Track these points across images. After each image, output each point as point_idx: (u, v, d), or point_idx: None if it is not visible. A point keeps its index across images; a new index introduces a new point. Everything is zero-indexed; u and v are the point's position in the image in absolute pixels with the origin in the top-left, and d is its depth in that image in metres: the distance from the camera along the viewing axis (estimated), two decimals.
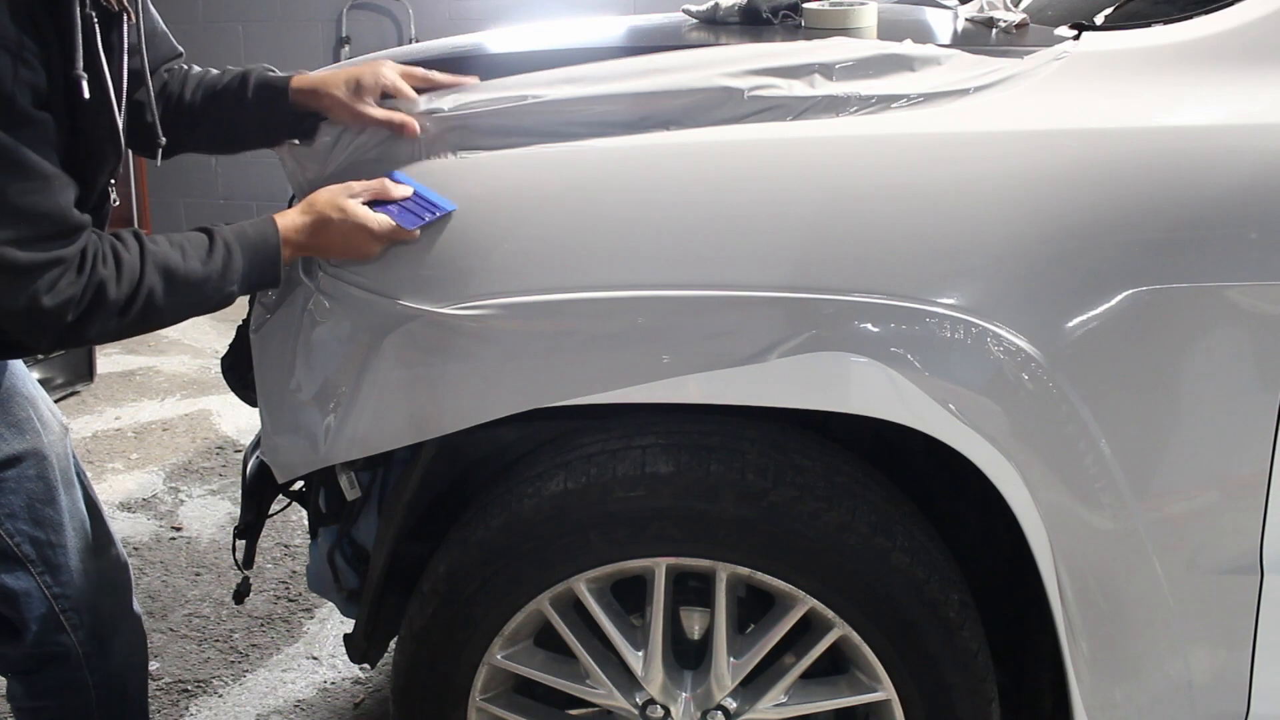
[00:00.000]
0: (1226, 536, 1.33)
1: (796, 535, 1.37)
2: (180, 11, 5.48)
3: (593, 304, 1.31)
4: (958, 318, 1.26)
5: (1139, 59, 1.35)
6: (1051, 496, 1.31)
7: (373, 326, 1.38)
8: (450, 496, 1.59)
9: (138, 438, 3.61)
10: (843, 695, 1.49)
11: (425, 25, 5.18)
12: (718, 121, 1.35)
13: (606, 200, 1.36)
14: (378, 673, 2.35)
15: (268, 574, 2.74)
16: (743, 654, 1.47)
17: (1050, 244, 1.26)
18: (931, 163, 1.31)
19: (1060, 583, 1.34)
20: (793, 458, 1.41)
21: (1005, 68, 1.36)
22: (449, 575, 1.48)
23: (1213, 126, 1.30)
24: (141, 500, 3.16)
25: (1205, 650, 1.38)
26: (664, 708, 1.51)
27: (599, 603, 1.47)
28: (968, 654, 1.41)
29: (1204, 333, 1.27)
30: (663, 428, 1.44)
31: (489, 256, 1.35)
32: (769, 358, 1.28)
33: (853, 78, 1.36)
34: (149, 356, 4.36)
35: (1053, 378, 1.27)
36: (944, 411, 1.28)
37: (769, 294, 1.28)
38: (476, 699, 1.54)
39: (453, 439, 1.42)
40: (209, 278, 1.34)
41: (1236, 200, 1.25)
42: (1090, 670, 1.38)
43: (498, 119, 1.38)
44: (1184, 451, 1.31)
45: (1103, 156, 1.27)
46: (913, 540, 1.40)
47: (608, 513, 1.40)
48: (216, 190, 5.62)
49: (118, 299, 1.27)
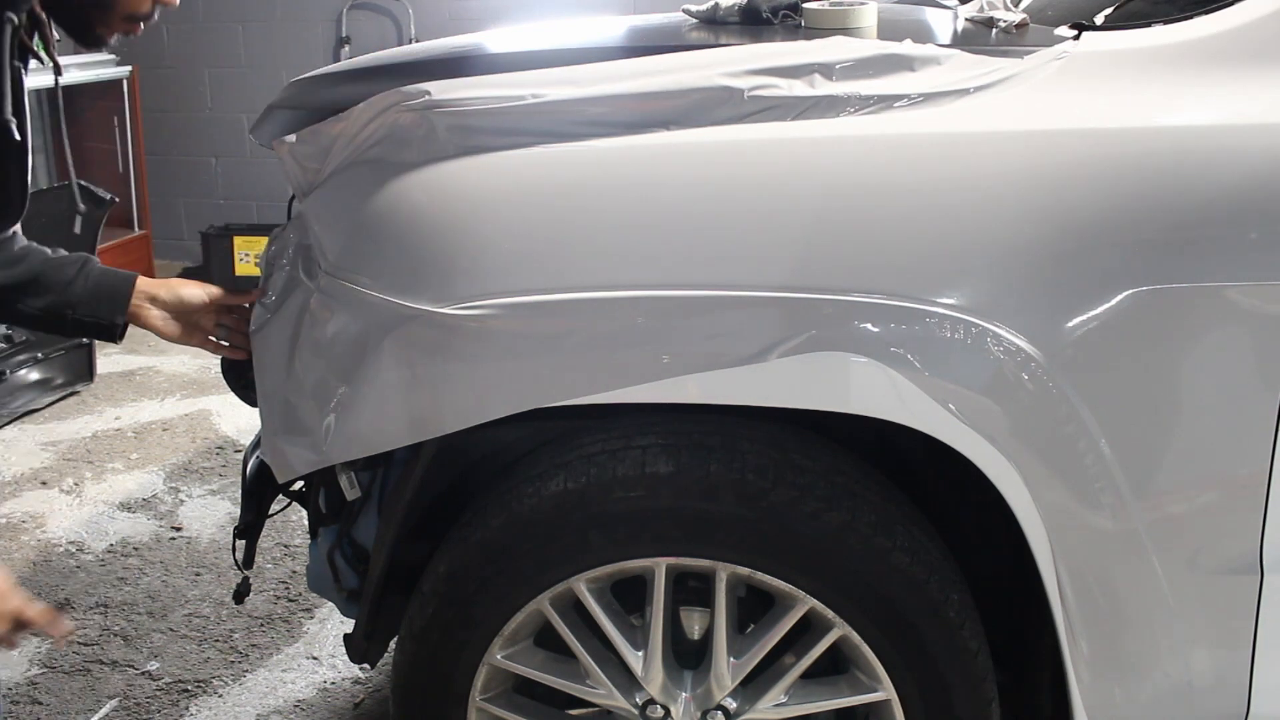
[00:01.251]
0: (1226, 536, 1.33)
1: (796, 535, 1.37)
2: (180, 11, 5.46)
3: (593, 304, 1.31)
4: (958, 318, 1.26)
5: (1139, 59, 1.35)
6: (1051, 496, 1.31)
7: (372, 326, 1.38)
8: (450, 496, 1.59)
9: (138, 438, 3.61)
10: (843, 695, 1.49)
11: (425, 25, 5.18)
12: (718, 121, 1.35)
13: (606, 200, 1.35)
14: (378, 673, 2.35)
15: (268, 574, 2.74)
16: (743, 654, 1.47)
17: (1050, 244, 1.26)
18: (931, 163, 1.31)
19: (1060, 583, 1.34)
20: (793, 458, 1.41)
21: (1005, 68, 1.36)
22: (449, 575, 1.48)
23: (1213, 126, 1.30)
24: (141, 500, 3.16)
25: (1205, 650, 1.38)
26: (664, 708, 1.51)
27: (599, 603, 1.47)
28: (968, 654, 1.41)
29: (1204, 333, 1.27)
30: (663, 428, 1.44)
31: (489, 256, 1.35)
32: (769, 358, 1.28)
33: (853, 78, 1.36)
34: (149, 356, 4.36)
35: (1053, 378, 1.27)
36: (944, 411, 1.28)
37: (769, 294, 1.28)
38: (476, 699, 1.54)
39: (453, 439, 1.41)
40: (51, 302, 1.47)
41: (1236, 200, 1.25)
42: (1090, 670, 1.38)
43: (498, 118, 1.38)
44: (1184, 451, 1.31)
45: (1103, 156, 1.27)
46: (913, 540, 1.40)
47: (608, 513, 1.40)
48: (216, 190, 5.62)
49: None
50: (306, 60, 5.15)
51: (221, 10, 5.43)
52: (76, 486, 3.25)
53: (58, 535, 2.96)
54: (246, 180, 5.56)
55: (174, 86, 5.53)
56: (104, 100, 5.12)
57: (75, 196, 1.81)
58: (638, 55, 1.45)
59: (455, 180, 1.39)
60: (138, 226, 5.22)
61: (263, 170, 5.47)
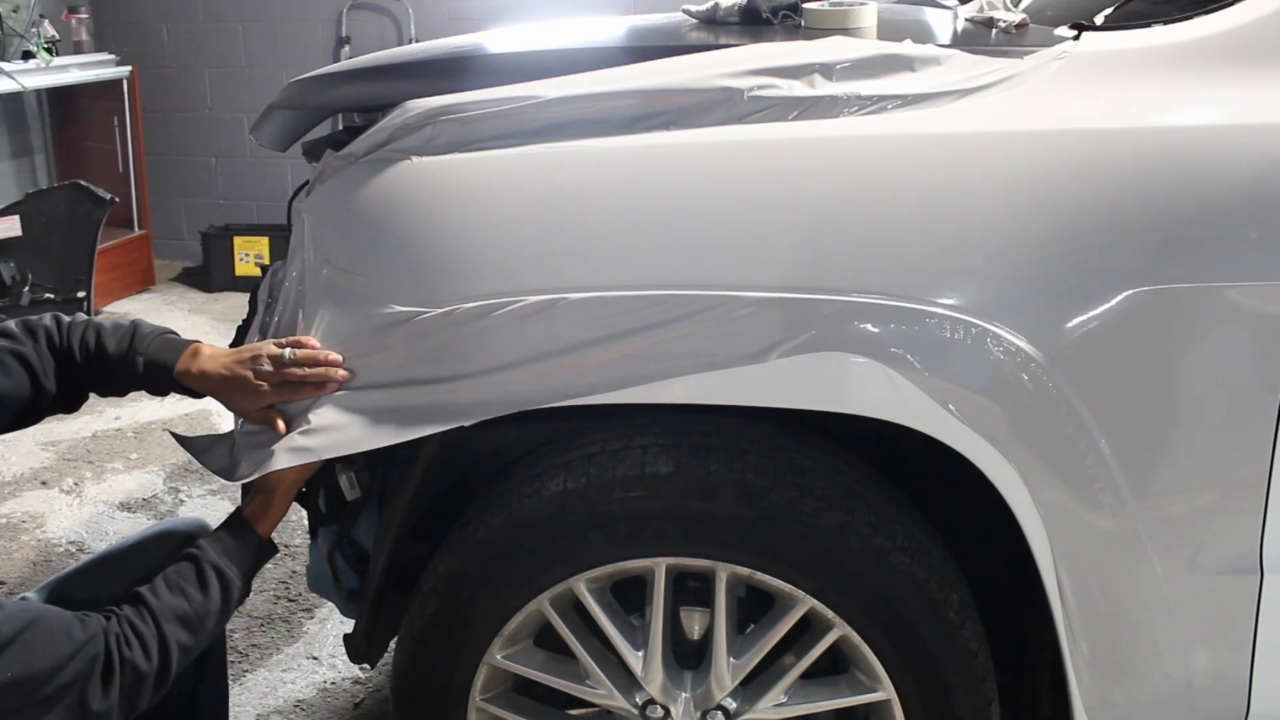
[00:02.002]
0: (1226, 536, 1.33)
1: (796, 535, 1.37)
2: (180, 11, 5.49)
3: (592, 304, 1.31)
4: (957, 318, 1.26)
5: (1139, 59, 1.35)
6: (1051, 497, 1.31)
7: (372, 326, 1.38)
8: (450, 496, 1.59)
9: (138, 438, 3.61)
10: (843, 695, 1.49)
11: (425, 25, 5.18)
12: (718, 121, 1.35)
13: (606, 200, 1.35)
14: (378, 673, 2.35)
15: (268, 574, 2.74)
16: (743, 654, 1.47)
17: (1050, 244, 1.26)
18: (931, 163, 1.31)
19: (1060, 583, 1.34)
20: (793, 458, 1.41)
21: (1005, 68, 1.36)
22: (449, 575, 1.48)
23: (1213, 126, 1.30)
24: (141, 500, 3.16)
25: (1205, 650, 1.38)
26: (664, 708, 1.51)
27: (599, 603, 1.47)
28: (968, 654, 1.41)
29: (1204, 333, 1.27)
30: (662, 428, 1.44)
31: (489, 256, 1.35)
32: (769, 358, 1.28)
33: (853, 78, 1.36)
34: None
35: (1053, 378, 1.27)
36: (944, 412, 1.28)
37: (769, 294, 1.28)
38: (476, 699, 1.54)
39: (453, 439, 1.41)
40: (214, 602, 1.40)
41: (1236, 200, 1.25)
42: (1090, 670, 1.38)
43: (499, 119, 1.38)
44: (1184, 451, 1.31)
45: (1102, 156, 1.27)
46: (913, 540, 1.40)
47: (608, 513, 1.40)
48: (216, 190, 5.63)
49: (150, 670, 1.33)
50: (306, 60, 5.15)
51: (221, 10, 5.43)
52: (76, 486, 3.25)
53: (58, 535, 2.96)
54: (246, 180, 5.56)
55: (174, 86, 5.53)
56: (104, 100, 5.12)
57: None
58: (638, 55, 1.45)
59: (456, 180, 1.39)
60: (138, 226, 5.22)
61: (263, 170, 5.48)
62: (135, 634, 1.33)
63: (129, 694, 1.31)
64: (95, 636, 1.29)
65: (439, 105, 1.39)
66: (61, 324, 1.51)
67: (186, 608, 1.37)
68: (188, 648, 1.37)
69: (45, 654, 1.24)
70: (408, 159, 1.39)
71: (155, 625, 1.34)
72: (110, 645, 1.30)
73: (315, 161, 1.56)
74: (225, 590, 1.41)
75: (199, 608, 1.38)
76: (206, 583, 1.39)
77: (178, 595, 1.37)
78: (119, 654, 1.30)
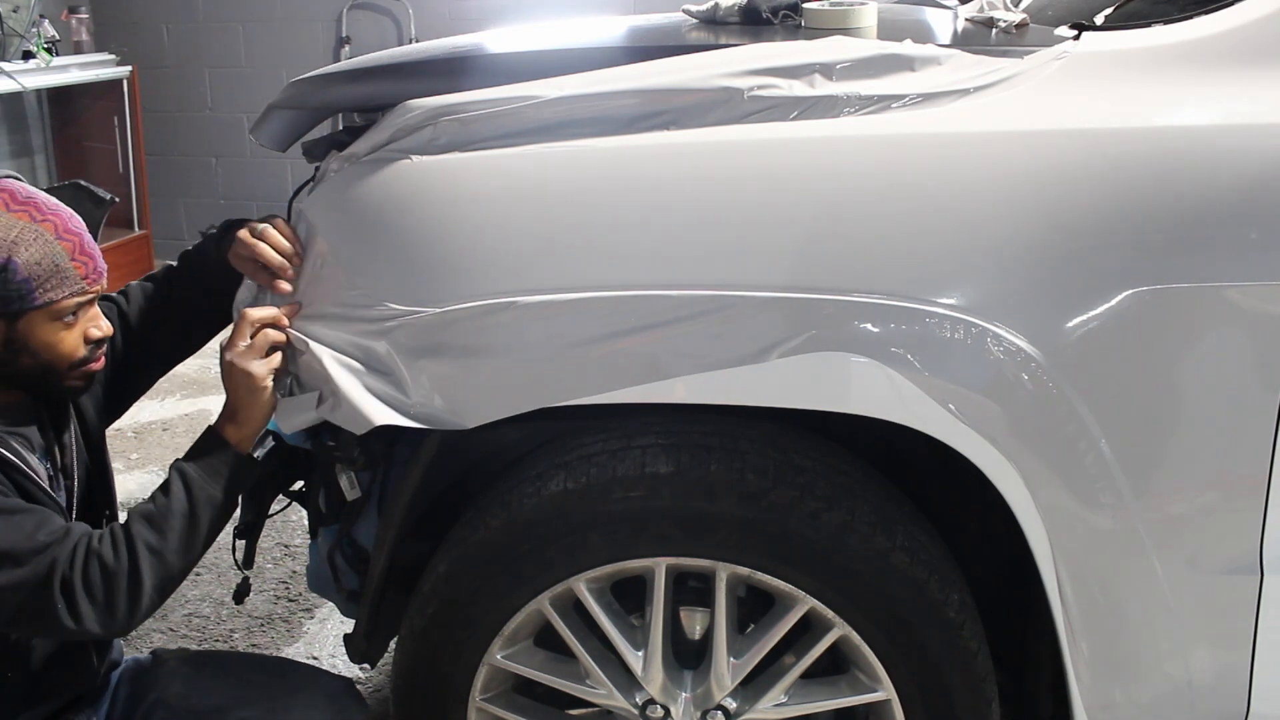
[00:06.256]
0: (1226, 536, 1.33)
1: (796, 535, 1.37)
2: (180, 11, 5.49)
3: (593, 304, 1.31)
4: (958, 318, 1.26)
5: (1139, 59, 1.35)
6: (1051, 497, 1.31)
7: (372, 327, 1.38)
8: (450, 496, 1.59)
9: (138, 438, 3.61)
10: (843, 695, 1.49)
11: (425, 25, 5.18)
12: (718, 121, 1.35)
13: (607, 200, 1.35)
14: (378, 673, 2.35)
15: (268, 574, 2.74)
16: (743, 654, 1.47)
17: (1050, 244, 1.26)
18: (931, 163, 1.31)
19: (1060, 583, 1.34)
20: (793, 458, 1.41)
21: (1005, 68, 1.36)
22: (449, 575, 1.48)
23: (1213, 127, 1.30)
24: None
25: (1205, 650, 1.38)
26: (664, 708, 1.51)
27: (599, 603, 1.47)
28: (968, 654, 1.41)
29: (1204, 333, 1.27)
30: (663, 428, 1.44)
31: (489, 256, 1.35)
32: (769, 358, 1.28)
33: (853, 78, 1.36)
34: None
35: (1053, 378, 1.27)
36: (944, 412, 1.28)
37: (770, 294, 1.28)
38: (476, 699, 1.54)
39: (453, 439, 1.41)
40: (178, 502, 1.46)
41: (1236, 200, 1.25)
42: (1090, 670, 1.38)
43: (500, 119, 1.38)
44: (1184, 451, 1.31)
45: (1103, 157, 1.27)
46: (913, 540, 1.40)
47: (608, 513, 1.40)
48: (216, 190, 5.63)
49: (118, 567, 1.40)
50: (306, 60, 5.15)
51: (221, 10, 5.43)
52: None
53: None
54: (246, 180, 5.56)
55: (174, 86, 5.53)
56: (104, 100, 5.12)
57: None
58: (638, 55, 1.45)
59: (456, 180, 1.39)
60: (138, 226, 5.22)
61: (263, 170, 5.48)
62: (103, 535, 1.42)
63: (105, 591, 1.38)
64: (69, 532, 1.41)
65: (439, 105, 1.38)
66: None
67: (150, 507, 1.46)
68: (155, 548, 1.42)
69: (18, 528, 1.37)
70: (408, 159, 1.40)
71: (122, 526, 1.44)
72: (77, 538, 1.40)
73: (315, 161, 1.56)
74: (188, 489, 1.46)
75: (161, 506, 1.45)
76: (168, 486, 1.47)
77: (144, 505, 1.47)
78: (85, 545, 1.40)
